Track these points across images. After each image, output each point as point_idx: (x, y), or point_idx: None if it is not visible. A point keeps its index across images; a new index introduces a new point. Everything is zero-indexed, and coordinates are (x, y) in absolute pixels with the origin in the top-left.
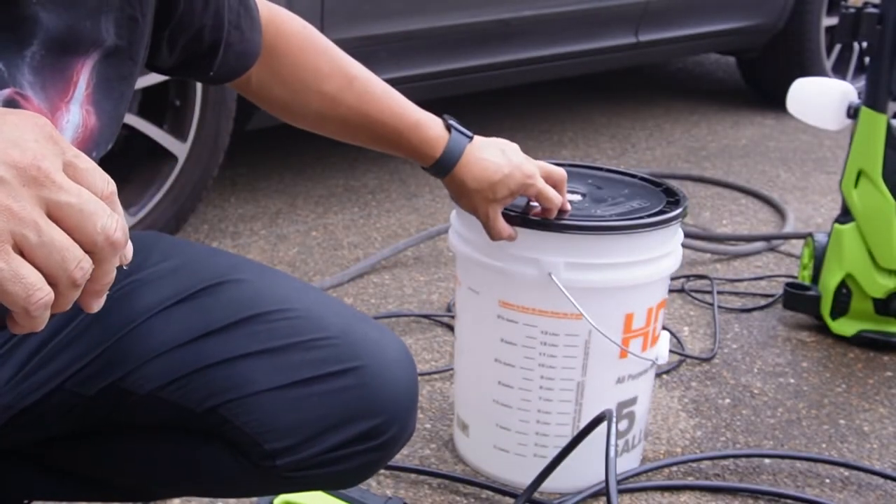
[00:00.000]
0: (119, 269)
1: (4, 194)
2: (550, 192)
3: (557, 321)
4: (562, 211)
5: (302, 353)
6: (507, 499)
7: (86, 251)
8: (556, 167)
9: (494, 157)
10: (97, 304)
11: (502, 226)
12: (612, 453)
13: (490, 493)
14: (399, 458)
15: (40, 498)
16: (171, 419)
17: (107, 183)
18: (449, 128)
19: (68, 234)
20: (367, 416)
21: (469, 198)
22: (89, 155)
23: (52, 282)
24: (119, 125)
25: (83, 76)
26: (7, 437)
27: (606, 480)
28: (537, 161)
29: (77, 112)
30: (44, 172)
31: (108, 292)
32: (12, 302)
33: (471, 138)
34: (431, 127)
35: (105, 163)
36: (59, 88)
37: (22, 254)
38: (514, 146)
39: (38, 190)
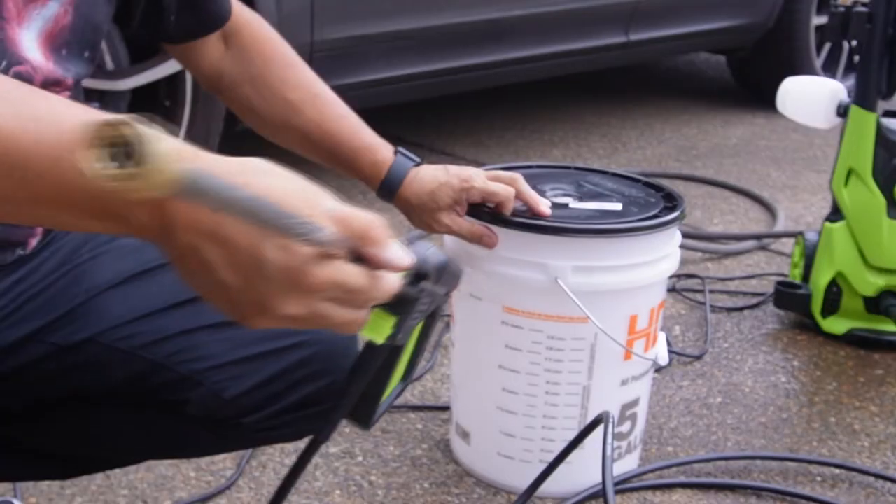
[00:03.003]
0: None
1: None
2: (494, 186)
3: (563, 325)
4: (539, 213)
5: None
6: (497, 498)
7: None
8: (504, 171)
9: (432, 172)
10: None
11: (470, 227)
12: (608, 452)
13: (481, 492)
14: (390, 458)
15: None
16: (142, 378)
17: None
18: (397, 153)
19: None
20: (318, 378)
21: (419, 215)
22: (58, 52)
23: None
24: (96, 34)
25: None
26: None
27: (603, 482)
28: (487, 170)
29: (54, 6)
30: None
31: None
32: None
33: (417, 163)
34: (382, 151)
35: None
36: None
37: None
38: (465, 168)
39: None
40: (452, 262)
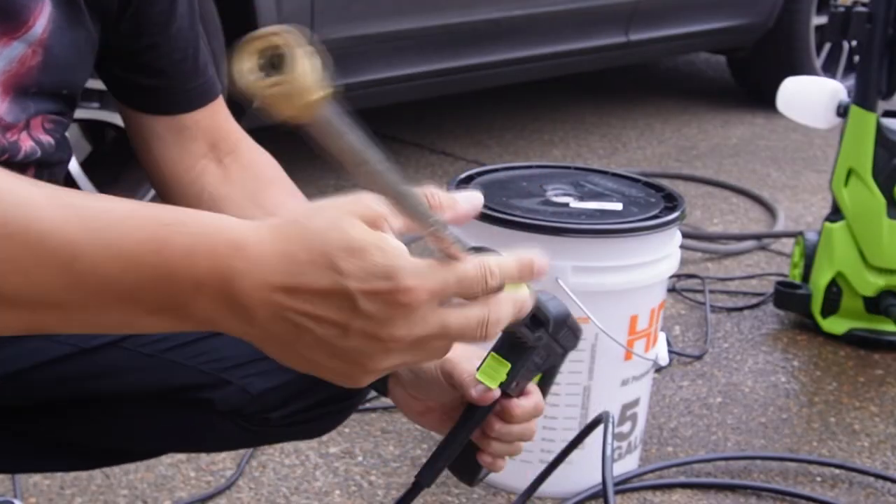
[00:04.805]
0: None
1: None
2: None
3: None
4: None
5: None
6: (497, 498)
7: None
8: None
9: None
10: None
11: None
12: (608, 452)
13: (481, 492)
14: (390, 458)
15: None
16: (167, 379)
17: None
18: None
19: None
20: None
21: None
22: (24, 93)
23: None
24: (74, 72)
25: (41, 21)
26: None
27: (603, 482)
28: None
29: (19, 48)
30: None
31: None
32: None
33: None
34: None
35: (95, 163)
36: (8, 26)
37: None
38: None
39: None
40: (573, 318)
